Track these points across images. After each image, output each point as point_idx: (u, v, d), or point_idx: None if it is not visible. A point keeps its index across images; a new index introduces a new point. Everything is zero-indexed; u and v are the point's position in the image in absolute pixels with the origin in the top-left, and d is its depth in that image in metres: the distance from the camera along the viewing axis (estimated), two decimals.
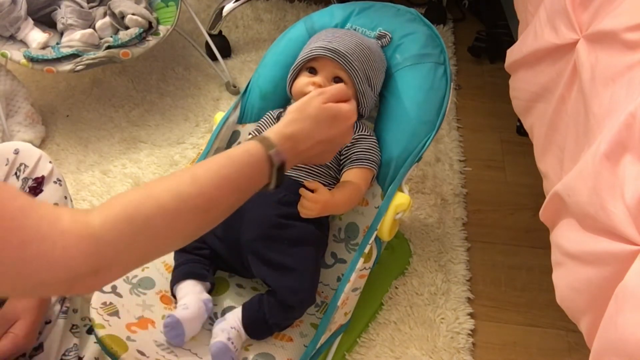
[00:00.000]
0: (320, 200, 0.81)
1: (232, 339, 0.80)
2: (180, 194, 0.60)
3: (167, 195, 0.59)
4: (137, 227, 0.56)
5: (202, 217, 0.62)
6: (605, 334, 0.55)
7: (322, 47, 0.90)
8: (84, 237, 0.52)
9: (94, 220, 0.54)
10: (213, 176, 0.63)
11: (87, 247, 0.52)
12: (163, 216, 0.58)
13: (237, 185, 0.65)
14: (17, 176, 0.89)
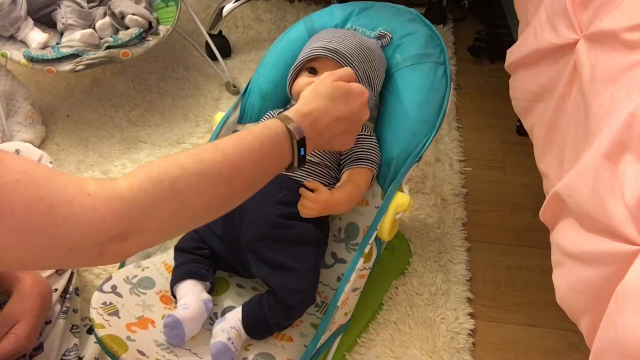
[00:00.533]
0: (321, 200, 0.81)
1: (232, 338, 0.80)
2: (204, 160, 0.60)
3: (191, 160, 0.59)
4: (163, 189, 0.56)
5: (226, 185, 0.62)
6: (605, 334, 0.55)
7: (322, 47, 0.90)
8: (111, 198, 0.52)
9: (120, 184, 0.54)
10: (235, 146, 0.64)
11: (116, 207, 0.52)
12: (188, 179, 0.58)
13: (258, 156, 0.65)
14: None
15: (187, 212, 0.60)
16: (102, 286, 0.86)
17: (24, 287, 0.79)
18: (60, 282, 0.92)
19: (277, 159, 0.69)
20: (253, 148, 0.65)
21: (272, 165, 0.68)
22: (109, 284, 0.86)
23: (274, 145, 0.68)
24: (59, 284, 0.92)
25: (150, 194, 0.55)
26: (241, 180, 0.64)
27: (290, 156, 0.70)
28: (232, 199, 0.65)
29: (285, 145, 0.69)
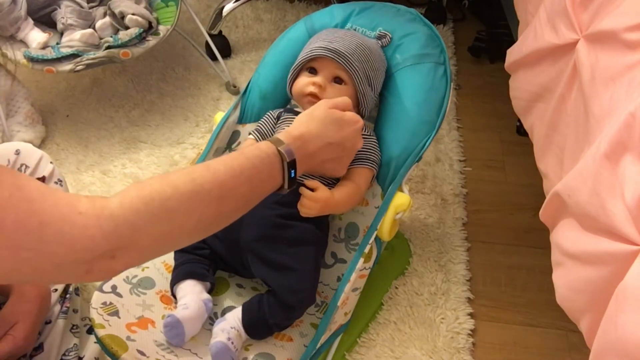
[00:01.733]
0: (320, 199, 0.81)
1: (232, 339, 0.80)
2: (196, 179, 0.61)
3: (182, 179, 0.60)
4: (154, 208, 0.56)
5: (216, 205, 0.62)
6: (605, 334, 0.55)
7: (323, 47, 0.90)
8: (102, 217, 0.53)
9: (111, 203, 0.54)
10: (226, 166, 0.65)
11: (106, 226, 0.52)
12: (179, 199, 0.58)
13: (249, 176, 0.66)
14: None
15: (177, 231, 0.60)
16: (102, 286, 0.86)
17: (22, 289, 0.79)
18: None
19: (268, 180, 0.69)
20: (244, 168, 0.66)
21: (262, 186, 0.69)
22: (109, 284, 0.86)
23: (264, 167, 0.68)
24: (59, 284, 0.92)
25: (141, 213, 0.55)
26: (232, 200, 0.65)
27: (280, 178, 0.71)
28: (222, 218, 0.65)
29: (276, 167, 0.70)
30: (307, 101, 0.91)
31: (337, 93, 0.90)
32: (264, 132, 0.97)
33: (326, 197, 0.81)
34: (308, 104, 0.91)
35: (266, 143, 0.71)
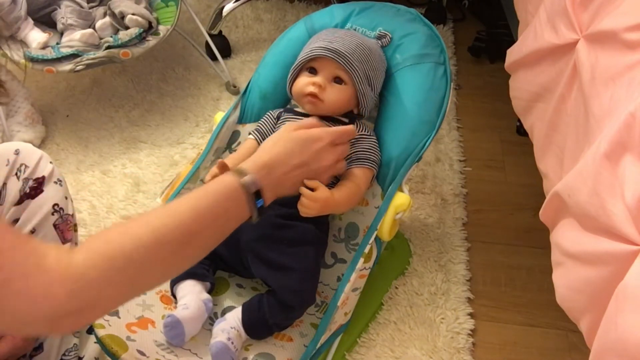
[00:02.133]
0: (320, 199, 0.81)
1: (232, 338, 0.80)
2: (158, 229, 0.60)
3: (144, 230, 0.60)
4: (118, 264, 0.56)
5: (182, 251, 0.62)
6: (605, 334, 0.55)
7: (323, 47, 0.90)
8: (67, 276, 0.53)
9: (77, 260, 0.54)
10: (189, 208, 0.64)
11: (71, 287, 0.52)
12: (143, 252, 0.58)
13: (214, 216, 0.66)
14: (18, 177, 0.89)
15: (143, 282, 0.61)
16: None
17: None
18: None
19: (235, 215, 0.69)
20: (207, 208, 0.65)
21: (229, 221, 0.68)
22: None
23: (229, 201, 0.68)
24: None
25: (104, 271, 0.55)
26: (198, 242, 0.64)
27: (248, 209, 0.70)
28: (190, 259, 0.65)
29: (241, 200, 0.69)
30: (307, 101, 0.91)
31: (337, 93, 0.90)
32: (264, 132, 0.97)
33: (326, 197, 0.81)
34: (308, 103, 0.91)
35: (229, 176, 0.70)
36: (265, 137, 0.97)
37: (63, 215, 0.92)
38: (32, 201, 0.89)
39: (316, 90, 0.89)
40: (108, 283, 0.55)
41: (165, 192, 1.00)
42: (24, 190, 0.89)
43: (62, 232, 0.92)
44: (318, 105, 0.90)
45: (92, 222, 1.25)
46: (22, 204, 0.88)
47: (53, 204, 0.91)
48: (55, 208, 0.91)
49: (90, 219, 1.25)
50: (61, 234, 0.92)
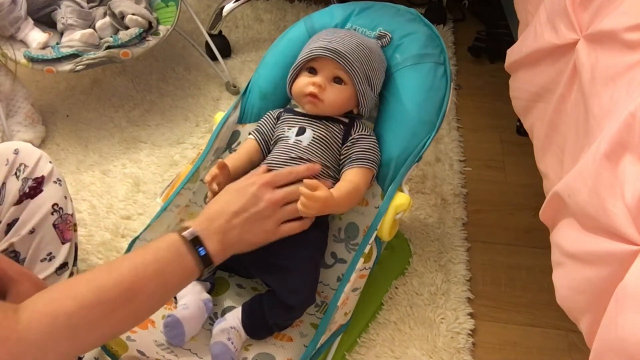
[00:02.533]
0: (320, 199, 0.81)
1: (232, 338, 0.80)
2: (99, 287, 0.61)
3: (85, 289, 0.61)
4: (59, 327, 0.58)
5: (123, 308, 0.63)
6: (605, 334, 0.55)
7: (322, 47, 0.90)
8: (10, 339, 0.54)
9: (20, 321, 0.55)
10: (129, 265, 0.65)
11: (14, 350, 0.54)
12: (84, 312, 0.59)
13: (156, 270, 0.66)
14: (17, 176, 0.89)
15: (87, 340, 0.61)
16: None
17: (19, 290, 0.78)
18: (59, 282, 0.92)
19: (179, 268, 0.69)
20: (148, 263, 0.66)
21: (174, 276, 0.69)
22: None
23: (170, 254, 0.69)
24: None
25: (46, 334, 0.56)
26: (140, 299, 0.65)
27: (192, 261, 0.70)
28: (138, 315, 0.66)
29: (183, 251, 0.70)
30: (307, 101, 0.91)
31: (337, 93, 0.90)
32: (263, 132, 0.97)
33: (325, 197, 0.81)
34: (308, 103, 0.91)
35: (171, 233, 0.72)
36: (265, 137, 0.97)
37: (62, 215, 0.92)
38: (32, 201, 0.89)
39: (316, 90, 0.89)
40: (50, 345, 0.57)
41: (165, 192, 1.00)
42: (23, 190, 0.89)
43: (61, 232, 0.92)
44: (318, 105, 0.90)
45: (92, 222, 1.25)
46: (21, 203, 0.88)
47: (52, 204, 0.91)
48: (54, 208, 0.91)
49: (90, 219, 1.25)
50: (60, 234, 0.92)
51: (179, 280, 0.70)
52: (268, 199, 0.79)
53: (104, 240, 1.20)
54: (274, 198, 0.80)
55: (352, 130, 0.92)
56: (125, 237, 1.22)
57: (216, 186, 0.84)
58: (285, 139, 0.92)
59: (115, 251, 1.19)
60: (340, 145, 0.92)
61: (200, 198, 1.02)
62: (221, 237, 0.74)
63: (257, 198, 0.79)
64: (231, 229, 0.76)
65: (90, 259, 1.17)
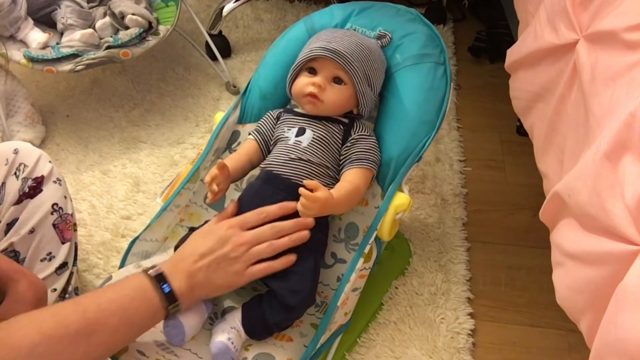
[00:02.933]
0: (320, 200, 0.81)
1: (232, 339, 0.80)
2: (63, 320, 0.63)
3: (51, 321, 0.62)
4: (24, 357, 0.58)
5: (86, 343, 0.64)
6: (605, 334, 0.55)
7: (322, 47, 0.90)
8: None
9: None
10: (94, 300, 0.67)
11: None
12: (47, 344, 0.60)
13: (119, 307, 0.68)
14: (17, 176, 0.89)
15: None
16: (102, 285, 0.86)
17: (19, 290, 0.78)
18: (59, 282, 0.92)
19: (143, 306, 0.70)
20: (112, 301, 0.67)
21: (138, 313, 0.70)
22: None
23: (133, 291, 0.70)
24: (58, 284, 0.92)
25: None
26: (103, 334, 0.66)
27: (158, 299, 0.71)
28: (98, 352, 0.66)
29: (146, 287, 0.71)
30: (306, 101, 0.91)
31: (337, 93, 0.90)
32: (263, 132, 0.97)
33: (325, 198, 0.81)
34: (308, 104, 0.91)
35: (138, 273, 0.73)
36: (265, 137, 0.97)
37: (62, 215, 0.92)
38: (31, 201, 0.89)
39: (316, 91, 0.89)
40: None
41: (165, 192, 1.00)
42: (23, 190, 0.89)
43: (61, 232, 0.92)
44: (318, 105, 0.90)
45: (92, 222, 1.25)
46: (21, 203, 0.88)
47: (52, 204, 0.91)
48: (54, 207, 0.91)
49: (90, 219, 1.25)
50: (60, 234, 0.92)
51: (144, 317, 0.71)
52: (235, 241, 0.79)
53: (104, 240, 1.20)
54: (241, 240, 0.80)
55: (352, 130, 0.92)
56: (125, 237, 1.22)
57: (216, 187, 0.84)
58: (285, 139, 0.92)
59: (115, 251, 1.19)
60: (340, 145, 0.92)
61: (200, 198, 1.02)
62: (187, 277, 0.75)
63: (224, 240, 0.79)
64: (197, 270, 0.76)
65: (90, 259, 1.17)
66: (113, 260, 1.17)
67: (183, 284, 0.74)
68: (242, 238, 0.80)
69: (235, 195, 0.98)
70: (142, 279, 0.72)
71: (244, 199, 0.90)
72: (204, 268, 0.77)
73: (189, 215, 1.02)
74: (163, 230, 0.98)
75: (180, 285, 0.74)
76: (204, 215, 1.02)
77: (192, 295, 0.76)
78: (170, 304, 0.73)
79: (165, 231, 0.99)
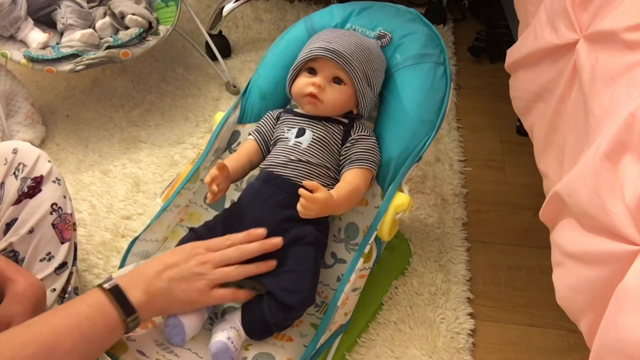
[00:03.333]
0: (320, 200, 0.81)
1: (232, 338, 0.80)
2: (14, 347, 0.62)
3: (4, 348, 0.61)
4: None
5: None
6: (605, 334, 0.55)
7: (322, 47, 0.90)
8: None
9: None
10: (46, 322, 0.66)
11: None
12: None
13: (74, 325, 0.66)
14: (16, 176, 0.89)
15: None
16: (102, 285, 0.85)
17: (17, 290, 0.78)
18: (58, 281, 0.92)
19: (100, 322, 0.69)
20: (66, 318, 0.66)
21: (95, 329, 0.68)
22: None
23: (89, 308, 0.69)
24: (58, 284, 0.91)
25: None
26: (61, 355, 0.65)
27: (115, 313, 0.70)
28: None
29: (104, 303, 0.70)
30: (306, 101, 0.91)
31: (336, 93, 0.90)
32: (263, 132, 0.97)
33: (325, 198, 0.81)
34: (307, 104, 0.91)
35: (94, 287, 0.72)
36: (265, 137, 0.97)
37: (62, 215, 0.92)
38: (31, 200, 0.89)
39: (315, 91, 0.89)
40: None
41: (165, 192, 1.00)
42: (22, 190, 0.88)
43: (60, 232, 0.92)
44: (317, 105, 0.90)
45: (92, 222, 1.25)
46: (20, 203, 0.88)
47: (51, 203, 0.90)
48: (53, 207, 0.91)
49: (90, 219, 1.25)
50: (60, 234, 0.92)
51: (102, 333, 0.69)
52: (199, 258, 0.80)
53: (104, 240, 1.20)
54: (205, 258, 0.80)
55: (352, 130, 0.92)
56: (125, 237, 1.22)
57: (215, 187, 0.84)
58: (285, 140, 0.92)
59: (115, 251, 1.19)
60: (339, 145, 0.92)
61: (200, 198, 1.02)
62: (146, 287, 0.74)
63: (189, 256, 0.80)
64: (159, 280, 0.76)
65: (90, 259, 1.17)
66: (113, 260, 1.17)
67: (141, 294, 0.73)
68: (206, 257, 0.80)
69: (235, 195, 0.98)
70: (97, 293, 0.71)
71: (244, 199, 0.90)
72: (166, 279, 0.76)
73: (189, 216, 1.02)
74: (163, 231, 0.98)
75: (139, 296, 0.73)
76: (204, 215, 1.02)
77: (151, 305, 0.74)
78: (129, 316, 0.72)
79: (165, 231, 0.99)
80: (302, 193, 0.80)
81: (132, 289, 0.73)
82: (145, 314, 0.74)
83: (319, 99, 0.89)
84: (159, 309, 0.77)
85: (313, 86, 0.89)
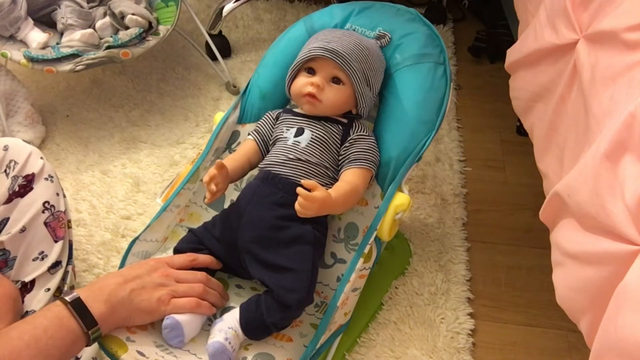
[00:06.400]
0: (318, 200, 0.81)
1: (230, 338, 0.80)
2: None
3: None
4: None
5: None
6: (605, 334, 0.55)
7: (321, 47, 0.90)
8: None
9: None
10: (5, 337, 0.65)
11: None
12: None
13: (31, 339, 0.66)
14: (7, 174, 0.87)
15: None
16: None
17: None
18: (52, 281, 0.90)
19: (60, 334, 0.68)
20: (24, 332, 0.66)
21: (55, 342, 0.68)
22: None
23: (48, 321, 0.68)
24: (52, 283, 0.90)
25: None
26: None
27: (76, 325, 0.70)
28: None
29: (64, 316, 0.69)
30: (305, 101, 0.91)
31: (336, 93, 0.90)
32: (263, 132, 0.97)
33: (323, 198, 0.81)
34: (306, 104, 0.91)
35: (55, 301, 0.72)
36: (264, 137, 0.97)
37: (54, 213, 0.90)
38: (22, 199, 0.87)
39: (314, 91, 0.89)
40: None
41: (165, 192, 1.00)
42: (12, 189, 0.86)
43: (53, 230, 0.90)
44: (316, 105, 0.90)
45: (92, 222, 1.25)
46: (11, 202, 0.86)
47: (44, 202, 0.89)
48: (45, 206, 0.89)
49: (90, 219, 1.25)
50: (52, 232, 0.90)
51: (62, 346, 0.68)
52: (162, 270, 0.82)
53: (104, 240, 1.20)
54: (167, 271, 0.82)
55: (351, 130, 0.92)
56: (125, 237, 1.22)
57: (214, 187, 0.84)
58: (284, 139, 0.92)
59: (115, 251, 1.19)
60: (338, 145, 0.92)
61: (200, 198, 1.02)
62: (107, 298, 0.74)
63: (152, 268, 0.81)
64: (120, 290, 0.76)
65: (90, 259, 1.17)
66: (113, 260, 1.17)
67: (102, 305, 0.73)
68: (168, 270, 0.82)
69: (234, 195, 0.98)
70: (57, 306, 0.70)
71: (243, 198, 0.90)
72: (128, 289, 0.76)
73: (188, 216, 1.02)
74: (163, 231, 0.98)
75: (99, 308, 0.72)
76: (203, 215, 1.02)
77: (112, 315, 0.74)
78: (89, 329, 0.71)
79: (165, 231, 0.99)
80: (300, 192, 0.80)
81: (93, 301, 0.72)
82: (106, 325, 0.74)
83: (318, 99, 0.89)
84: (120, 318, 0.76)
85: (312, 86, 0.89)
